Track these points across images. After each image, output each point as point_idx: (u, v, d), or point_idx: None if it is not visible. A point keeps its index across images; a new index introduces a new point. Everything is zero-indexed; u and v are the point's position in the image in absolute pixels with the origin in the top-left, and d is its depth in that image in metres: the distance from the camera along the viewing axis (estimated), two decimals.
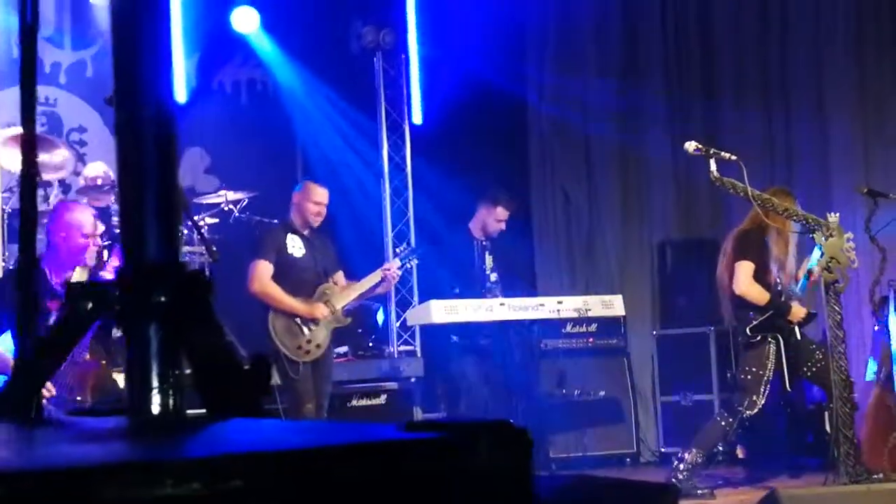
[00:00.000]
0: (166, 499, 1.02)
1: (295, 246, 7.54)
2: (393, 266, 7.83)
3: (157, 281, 1.66)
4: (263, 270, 7.40)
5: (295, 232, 7.59)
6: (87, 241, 5.96)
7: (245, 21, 9.66)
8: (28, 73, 1.79)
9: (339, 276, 7.81)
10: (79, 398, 5.67)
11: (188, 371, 1.68)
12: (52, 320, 5.42)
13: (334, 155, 10.07)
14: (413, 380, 8.78)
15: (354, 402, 8.22)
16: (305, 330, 7.38)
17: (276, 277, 7.41)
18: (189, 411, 1.70)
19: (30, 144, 1.83)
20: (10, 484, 0.96)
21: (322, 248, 7.71)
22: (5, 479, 0.97)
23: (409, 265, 8.30)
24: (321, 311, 7.42)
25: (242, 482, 1.06)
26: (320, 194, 7.66)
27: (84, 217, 6.02)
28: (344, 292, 7.61)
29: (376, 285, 7.76)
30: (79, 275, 5.78)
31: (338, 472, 1.16)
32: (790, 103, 9.77)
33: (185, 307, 1.67)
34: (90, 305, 1.65)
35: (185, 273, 1.71)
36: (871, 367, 7.54)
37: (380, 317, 9.60)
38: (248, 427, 1.41)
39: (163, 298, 1.65)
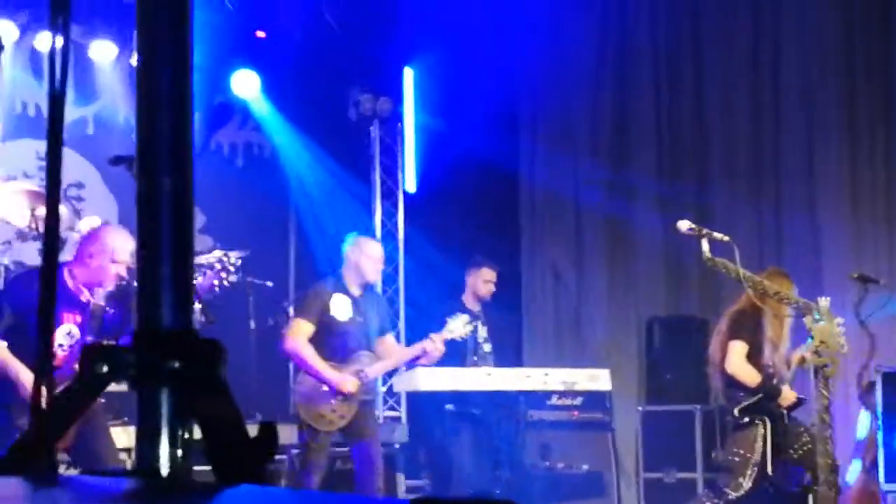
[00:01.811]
0: None
1: (340, 308, 7.22)
2: (438, 340, 7.33)
3: (171, 347, 1.70)
4: (300, 329, 7.14)
5: (345, 292, 7.28)
6: (114, 267, 5.85)
7: (245, 85, 9.77)
8: (54, 139, 1.84)
9: (389, 338, 7.53)
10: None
11: (197, 435, 1.71)
12: (61, 332, 5.41)
13: (327, 219, 10.13)
14: (397, 446, 8.76)
15: (339, 466, 8.19)
16: (332, 399, 7.08)
17: (316, 338, 7.13)
18: (196, 468, 1.74)
19: (54, 212, 1.87)
20: None
21: (371, 310, 7.37)
22: None
23: (462, 336, 7.62)
24: (351, 386, 7.04)
25: None
26: (378, 249, 7.42)
27: (120, 243, 5.88)
28: (379, 363, 7.30)
29: (417, 358, 7.45)
30: (96, 296, 5.71)
31: None
32: (781, 188, 9.87)
33: (197, 374, 1.71)
34: (105, 368, 1.69)
35: (198, 340, 1.75)
36: (855, 466, 7.59)
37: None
38: (259, 495, 1.44)
39: (176, 364, 1.69)
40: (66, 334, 5.61)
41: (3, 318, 5.62)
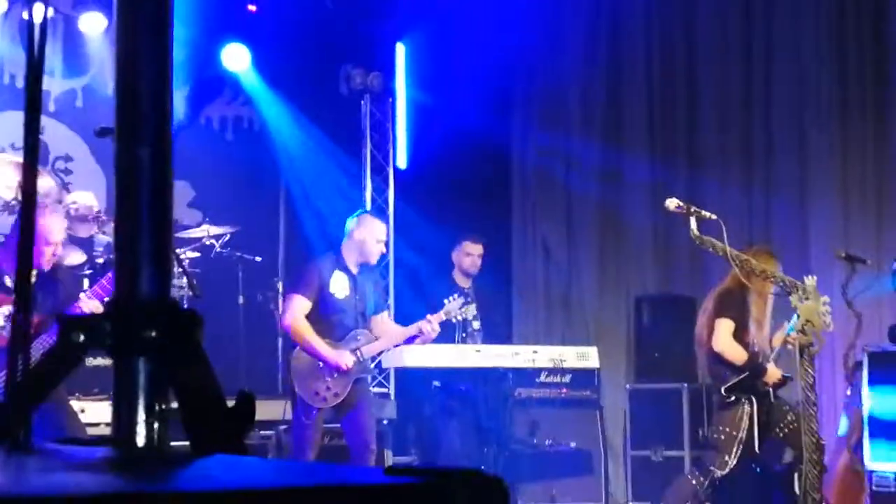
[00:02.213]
0: None
1: (339, 285, 7.21)
2: (434, 321, 7.34)
3: (149, 317, 1.70)
4: (298, 306, 7.12)
5: (343, 269, 7.28)
6: (48, 249, 5.77)
7: (235, 59, 9.75)
8: (32, 108, 1.83)
9: (384, 316, 7.53)
10: None
11: (174, 405, 1.71)
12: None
13: (317, 194, 10.12)
14: (385, 422, 8.78)
15: (326, 442, 8.19)
16: (327, 376, 7.08)
17: (313, 315, 7.12)
18: (173, 443, 1.74)
19: (32, 179, 1.87)
20: None
21: (368, 287, 7.36)
22: (5, 503, 1.00)
23: (458, 318, 7.76)
24: (347, 360, 7.06)
25: None
26: (383, 229, 7.40)
27: (52, 223, 5.82)
28: (376, 342, 7.31)
29: (413, 337, 7.41)
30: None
31: None
32: (771, 169, 9.87)
33: (175, 344, 1.71)
34: (82, 338, 1.68)
35: (176, 310, 1.75)
36: (844, 423, 7.61)
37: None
38: (232, 464, 1.45)
39: (153, 334, 1.68)
40: (3, 316, 5.59)
41: None
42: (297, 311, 7.10)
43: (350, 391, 7.12)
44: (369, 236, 7.25)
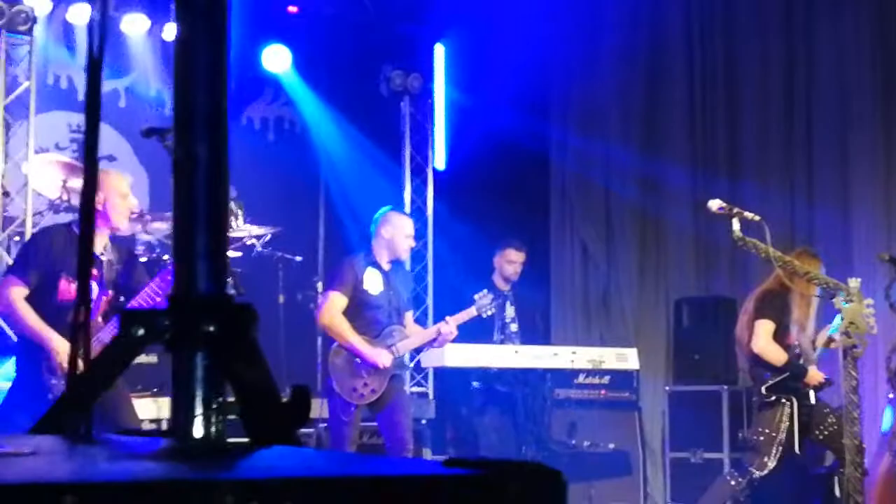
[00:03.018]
0: None
1: (372, 282, 7.21)
2: (452, 323, 7.33)
3: (207, 312, 1.72)
4: (335, 303, 7.12)
5: (376, 266, 7.28)
6: (122, 203, 5.74)
7: (276, 60, 9.79)
8: (93, 107, 1.86)
9: (409, 315, 7.51)
10: None
11: (231, 399, 1.74)
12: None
13: (356, 195, 10.17)
14: (424, 422, 8.80)
15: (365, 440, 8.21)
16: (364, 373, 7.09)
17: (349, 311, 7.14)
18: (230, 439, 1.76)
19: (91, 181, 1.90)
20: (82, 494, 1.02)
21: (399, 284, 7.37)
22: (76, 489, 1.02)
23: (488, 313, 7.65)
24: (385, 359, 7.07)
25: None
26: (409, 224, 7.37)
27: (117, 181, 5.81)
28: (408, 339, 7.29)
29: (433, 340, 7.44)
30: (108, 251, 5.71)
31: (381, 501, 1.21)
32: (813, 175, 9.80)
33: (232, 338, 1.73)
34: (141, 332, 1.71)
35: (233, 305, 1.77)
36: (888, 415, 7.54)
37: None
38: (293, 455, 1.47)
39: (211, 328, 1.71)
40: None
41: (38, 268, 5.65)
42: (333, 307, 7.12)
43: (387, 387, 7.13)
44: (397, 233, 7.26)
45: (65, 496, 0.99)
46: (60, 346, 5.47)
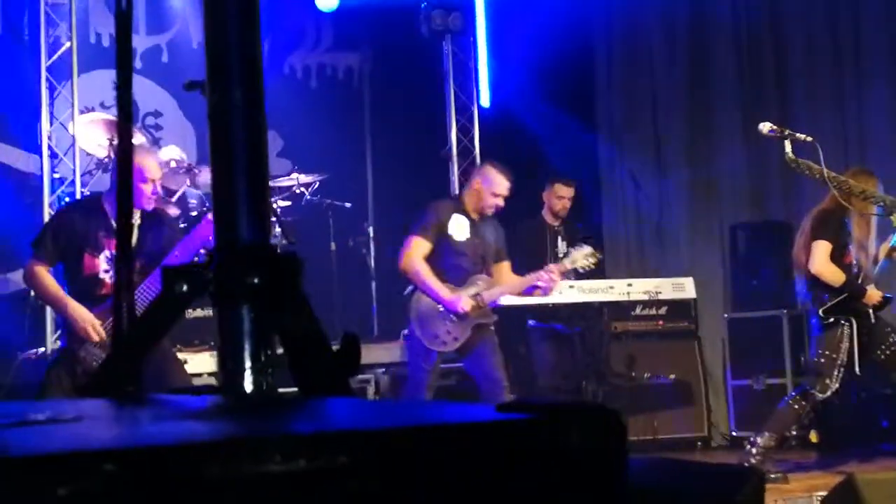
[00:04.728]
0: (274, 475, 1.04)
1: (458, 228, 7.01)
2: (556, 270, 7.09)
3: (250, 263, 1.69)
4: (417, 248, 6.92)
5: (463, 213, 7.06)
6: (147, 186, 5.80)
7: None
8: (124, 62, 1.82)
9: (505, 266, 7.24)
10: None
11: (280, 351, 1.71)
12: (104, 258, 5.49)
13: (402, 138, 10.12)
14: None
15: (448, 383, 8.16)
16: (447, 320, 6.89)
17: (432, 257, 6.94)
18: (280, 389, 1.73)
19: (126, 135, 1.86)
20: (129, 461, 0.99)
21: (487, 234, 7.14)
22: (123, 455, 1.00)
23: (586, 267, 7.25)
24: (466, 304, 6.85)
25: (347, 459, 1.08)
26: (503, 186, 7.05)
27: (146, 161, 5.85)
28: (496, 287, 7.07)
29: (533, 288, 7.12)
30: (135, 217, 5.71)
31: (434, 450, 1.18)
32: (862, 89, 9.62)
33: (277, 289, 1.70)
34: (185, 287, 1.68)
35: (276, 255, 1.74)
36: None
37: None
38: (344, 406, 1.44)
39: (255, 280, 1.68)
40: (107, 260, 5.67)
41: (57, 245, 5.69)
42: (414, 252, 6.93)
43: (470, 336, 6.96)
44: (486, 188, 7.05)
45: (105, 464, 0.96)
46: (79, 314, 5.51)
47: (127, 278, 1.77)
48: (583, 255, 7.19)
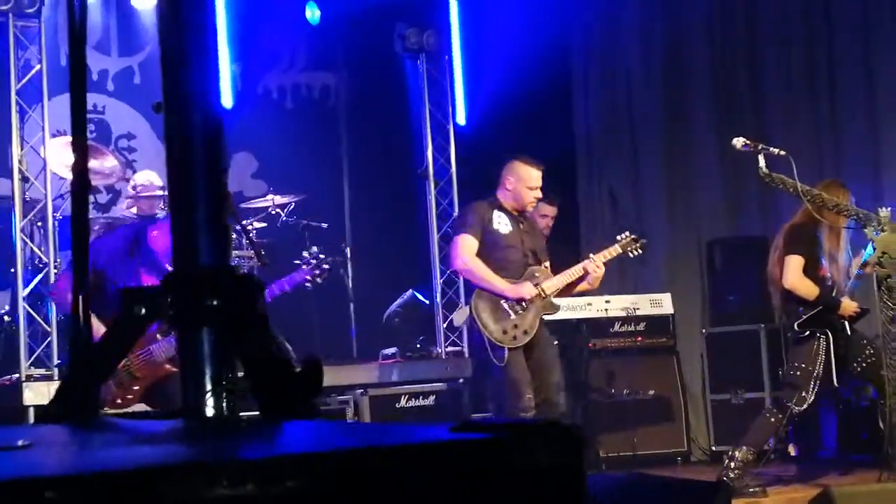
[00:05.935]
0: (222, 499, 1.03)
1: (501, 222, 6.98)
2: (598, 259, 7.11)
3: (209, 285, 1.68)
4: (466, 246, 6.86)
5: (502, 210, 7.03)
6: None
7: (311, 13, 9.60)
8: (78, 80, 1.81)
9: (546, 265, 7.20)
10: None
11: (242, 374, 1.70)
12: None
13: (379, 156, 10.11)
14: (461, 380, 8.78)
15: (403, 403, 8.20)
16: (512, 314, 6.82)
17: (481, 253, 6.87)
18: (243, 413, 1.72)
19: (81, 153, 1.85)
20: (71, 488, 0.98)
21: (530, 230, 7.16)
22: (64, 483, 0.98)
23: (634, 253, 7.43)
24: (528, 290, 6.80)
25: (295, 483, 1.07)
26: (536, 178, 7.04)
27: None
28: (555, 279, 6.99)
29: (580, 279, 7.09)
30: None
31: (388, 472, 1.17)
32: (836, 98, 9.66)
33: (237, 311, 1.69)
34: (143, 310, 1.67)
35: (236, 277, 1.73)
36: None
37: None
38: (299, 429, 1.42)
39: (215, 302, 1.66)
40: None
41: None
42: (466, 250, 6.86)
43: (538, 331, 6.91)
44: (519, 183, 7.03)
45: (47, 491, 0.95)
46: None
47: (84, 302, 1.76)
48: (629, 241, 7.33)
